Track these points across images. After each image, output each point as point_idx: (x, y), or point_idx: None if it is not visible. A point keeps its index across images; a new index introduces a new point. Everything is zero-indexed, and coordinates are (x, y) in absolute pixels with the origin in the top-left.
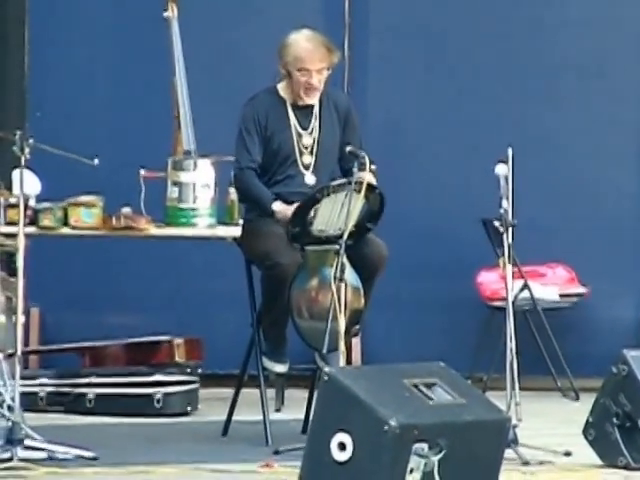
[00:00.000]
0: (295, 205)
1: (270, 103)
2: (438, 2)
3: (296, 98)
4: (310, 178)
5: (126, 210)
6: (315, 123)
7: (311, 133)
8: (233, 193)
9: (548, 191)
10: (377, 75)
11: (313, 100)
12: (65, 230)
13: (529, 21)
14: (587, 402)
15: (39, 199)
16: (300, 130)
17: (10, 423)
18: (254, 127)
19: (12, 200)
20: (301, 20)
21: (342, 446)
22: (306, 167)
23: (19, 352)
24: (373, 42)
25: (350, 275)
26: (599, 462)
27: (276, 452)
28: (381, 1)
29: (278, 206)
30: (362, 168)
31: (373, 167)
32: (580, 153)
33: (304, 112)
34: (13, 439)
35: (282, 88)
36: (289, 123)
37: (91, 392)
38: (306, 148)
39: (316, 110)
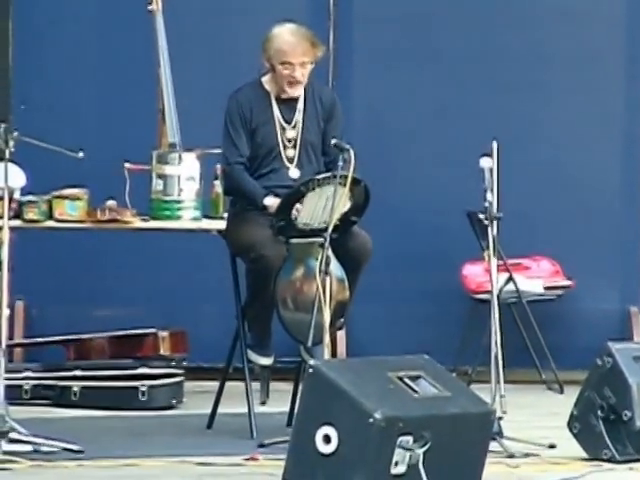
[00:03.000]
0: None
1: (254, 96)
2: None
3: (280, 91)
4: (294, 172)
5: (111, 203)
6: (299, 117)
7: (294, 127)
8: (218, 186)
9: (533, 184)
10: (362, 68)
11: (297, 93)
12: (50, 223)
13: (515, 13)
14: (572, 395)
15: (24, 192)
16: (284, 123)
17: None
18: (239, 121)
19: None
20: (286, 13)
21: (327, 439)
22: (290, 160)
23: (3, 345)
24: (358, 35)
25: (335, 268)
26: (584, 455)
27: (261, 445)
28: None
29: (270, 200)
30: (347, 161)
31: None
32: (565, 146)
33: (288, 106)
34: None
35: (266, 81)
36: (273, 116)
37: (76, 385)
38: (289, 141)
39: (300, 104)
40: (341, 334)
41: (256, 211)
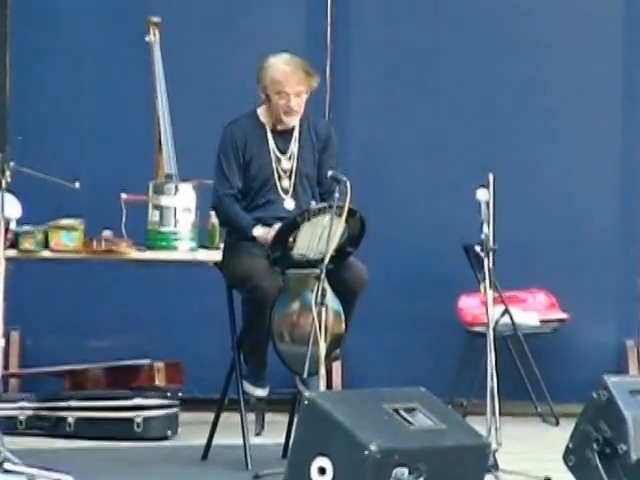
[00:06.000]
0: (276, 229)
1: (249, 127)
2: (421, 27)
3: (276, 122)
4: (289, 203)
5: (107, 233)
6: (294, 147)
7: (290, 157)
8: (214, 217)
9: (529, 216)
10: (359, 100)
11: (293, 123)
12: (46, 253)
13: (514, 47)
14: (567, 428)
15: (20, 222)
16: (279, 154)
17: None
18: (232, 152)
19: None
20: (284, 44)
21: (322, 470)
22: (285, 191)
23: None
24: (355, 67)
25: (331, 300)
26: None
27: (256, 476)
28: (364, 26)
29: (258, 231)
30: (343, 193)
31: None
32: (562, 179)
33: (283, 136)
34: None
35: (262, 112)
36: (268, 147)
37: (71, 416)
38: (285, 172)
39: (295, 134)
40: (337, 365)
41: (252, 242)
